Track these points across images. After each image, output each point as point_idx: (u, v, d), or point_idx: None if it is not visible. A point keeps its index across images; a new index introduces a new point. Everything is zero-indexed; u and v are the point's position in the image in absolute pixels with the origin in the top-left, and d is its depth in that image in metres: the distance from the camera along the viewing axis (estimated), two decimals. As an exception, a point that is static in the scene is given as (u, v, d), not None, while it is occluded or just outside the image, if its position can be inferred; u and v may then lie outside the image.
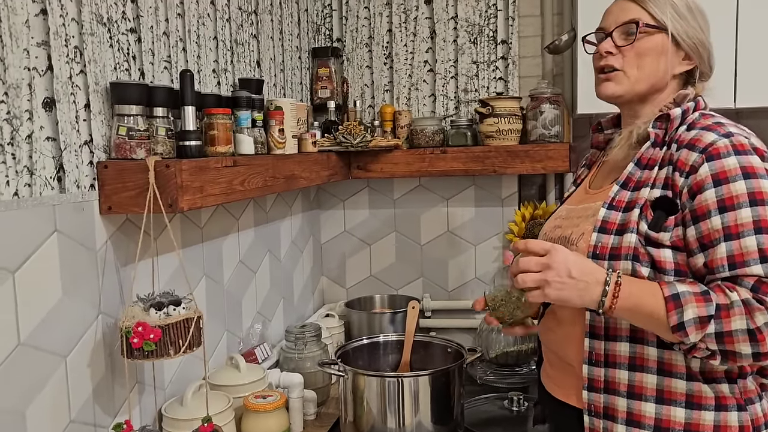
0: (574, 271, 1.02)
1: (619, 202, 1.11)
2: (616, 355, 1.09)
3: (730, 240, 1.00)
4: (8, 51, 1.00)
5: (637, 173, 1.12)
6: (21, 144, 1.03)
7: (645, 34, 1.13)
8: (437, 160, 2.13)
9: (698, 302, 0.98)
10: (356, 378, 1.53)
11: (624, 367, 1.09)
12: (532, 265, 1.03)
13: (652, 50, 1.14)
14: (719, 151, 1.03)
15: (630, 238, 1.06)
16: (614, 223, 1.09)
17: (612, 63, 1.16)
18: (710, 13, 1.76)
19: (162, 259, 1.38)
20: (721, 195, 1.01)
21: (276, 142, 1.66)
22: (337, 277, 2.43)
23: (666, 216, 1.06)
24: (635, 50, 1.14)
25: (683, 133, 1.09)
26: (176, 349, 1.14)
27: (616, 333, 1.10)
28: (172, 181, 1.17)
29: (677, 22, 1.14)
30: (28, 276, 1.03)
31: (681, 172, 1.05)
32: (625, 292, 1.01)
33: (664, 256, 1.05)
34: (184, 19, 1.47)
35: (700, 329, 0.98)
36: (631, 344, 1.09)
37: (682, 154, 1.06)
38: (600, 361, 1.11)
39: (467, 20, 2.24)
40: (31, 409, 1.04)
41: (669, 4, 1.14)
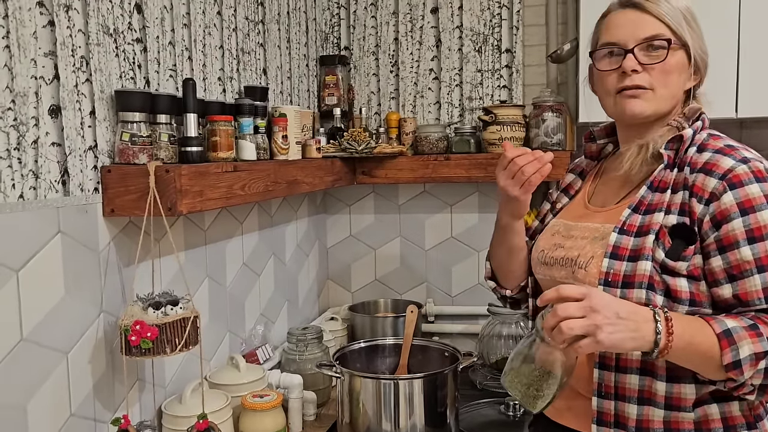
0: (622, 311, 0.93)
1: (630, 227, 1.07)
2: (626, 388, 1.05)
3: (764, 272, 0.97)
4: (16, 61, 1.05)
5: (648, 196, 1.08)
6: (27, 149, 1.08)
7: (670, 51, 1.09)
8: (441, 167, 2.16)
9: (752, 338, 0.94)
10: (352, 380, 1.56)
11: (633, 401, 1.05)
12: (573, 311, 0.92)
13: (676, 67, 1.10)
14: (740, 179, 1.00)
15: (645, 265, 1.02)
16: (626, 249, 1.05)
17: (640, 82, 1.09)
18: (712, 23, 1.77)
19: (164, 261, 1.42)
20: (749, 225, 0.98)
21: (279, 148, 1.71)
22: (342, 281, 2.46)
23: (685, 245, 1.02)
24: (663, 68, 1.09)
25: (694, 155, 1.06)
26: (173, 348, 1.19)
27: (626, 365, 1.05)
28: (172, 186, 1.21)
29: (693, 36, 1.11)
30: (32, 275, 1.08)
31: (699, 198, 1.02)
32: (678, 329, 0.95)
33: (679, 285, 1.02)
34: (190, 29, 1.53)
35: (754, 366, 0.94)
36: (641, 377, 1.04)
37: (698, 179, 1.03)
38: (610, 393, 1.06)
39: (472, 29, 2.27)
40: (32, 404, 1.09)
41: (683, 17, 1.11)
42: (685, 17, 1.11)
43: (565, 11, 2.20)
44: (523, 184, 1.15)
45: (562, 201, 1.30)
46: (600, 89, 1.18)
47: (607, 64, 1.14)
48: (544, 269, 1.21)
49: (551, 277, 1.19)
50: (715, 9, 1.80)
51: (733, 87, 1.83)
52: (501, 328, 2.10)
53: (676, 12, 1.10)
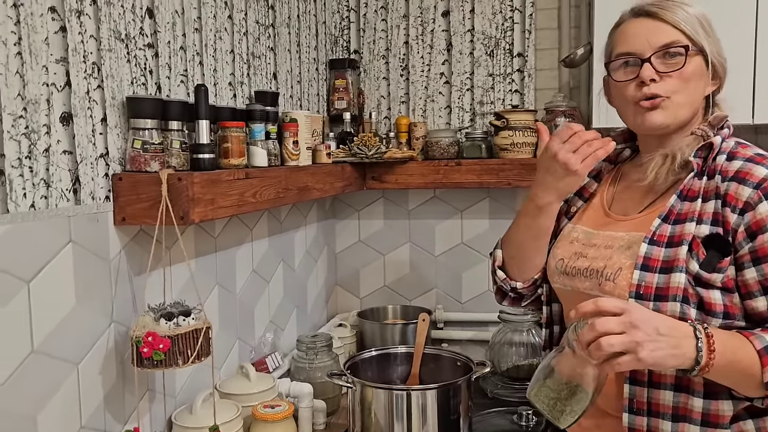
0: (662, 327, 0.91)
1: (660, 237, 1.04)
2: (660, 404, 1.02)
3: None
4: (28, 68, 1.03)
5: (677, 205, 1.06)
6: (38, 157, 1.06)
7: (688, 58, 1.07)
8: (452, 172, 2.13)
9: None
10: (364, 390, 1.54)
11: (667, 417, 1.01)
12: (612, 326, 0.89)
13: (695, 74, 1.08)
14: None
15: (679, 277, 0.99)
16: (657, 260, 1.02)
17: (658, 91, 1.07)
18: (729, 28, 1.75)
19: (175, 269, 1.40)
20: None
21: (290, 154, 1.69)
22: (351, 287, 2.44)
23: (720, 256, 0.99)
24: (682, 75, 1.07)
25: (724, 163, 1.04)
26: (185, 359, 1.17)
27: (660, 380, 1.02)
28: (184, 194, 1.20)
29: (710, 42, 1.09)
30: (43, 285, 1.06)
31: (733, 208, 1.00)
32: (719, 346, 0.92)
33: (713, 297, 0.99)
34: (201, 33, 1.51)
35: None
36: (675, 393, 1.01)
37: (731, 188, 1.01)
38: (642, 409, 1.03)
39: (484, 33, 2.24)
40: (42, 415, 1.07)
41: (698, 24, 1.09)
42: (701, 23, 1.09)
43: (578, 15, 2.18)
44: (586, 158, 1.12)
45: (577, 204, 1.27)
46: (618, 100, 1.16)
47: (624, 75, 1.12)
48: (564, 279, 1.18)
49: (573, 288, 1.16)
50: (731, 15, 1.78)
51: (749, 93, 1.81)
52: (512, 335, 2.07)
53: (692, 18, 1.09)
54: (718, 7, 1.75)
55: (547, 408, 0.98)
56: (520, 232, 1.25)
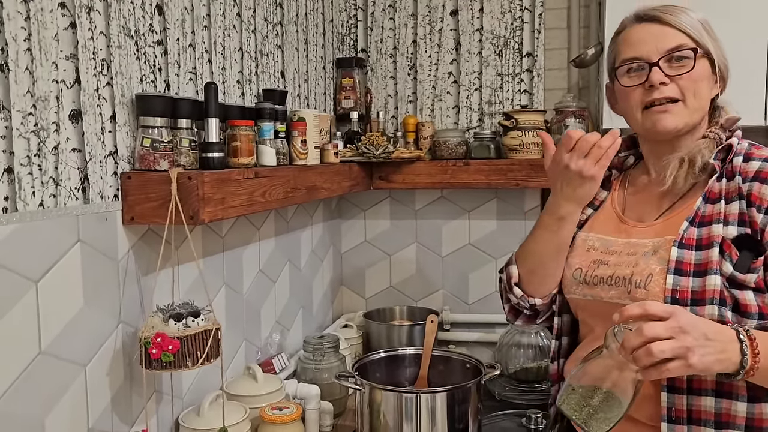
0: (709, 332, 0.90)
1: (689, 240, 1.03)
2: (701, 411, 1.00)
3: None
4: (37, 64, 1.02)
5: (703, 207, 1.06)
6: (47, 155, 1.04)
7: (696, 61, 1.07)
8: (460, 172, 2.12)
9: None
10: (373, 392, 1.52)
11: (710, 425, 1.00)
12: (660, 331, 0.87)
13: (704, 76, 1.08)
14: None
15: (714, 280, 0.98)
16: (689, 264, 1.01)
17: (670, 94, 1.07)
18: (741, 30, 1.74)
19: (183, 269, 1.39)
20: None
21: (298, 153, 1.67)
22: (356, 288, 2.42)
23: (753, 256, 0.99)
24: (691, 77, 1.07)
25: (742, 164, 1.05)
26: (194, 361, 1.15)
27: (700, 386, 1.01)
28: (194, 194, 1.18)
29: (714, 45, 1.10)
30: (51, 286, 1.05)
31: (758, 208, 1.00)
32: (763, 348, 0.91)
33: (748, 298, 0.98)
34: (210, 31, 1.49)
35: None
36: (717, 399, 1.00)
37: (754, 188, 1.02)
38: (682, 417, 1.01)
39: (492, 32, 2.23)
40: (50, 417, 1.05)
41: (702, 27, 1.10)
42: (704, 27, 1.10)
43: (588, 15, 2.16)
44: (600, 159, 1.12)
45: (587, 212, 1.24)
46: (625, 106, 1.14)
47: (630, 80, 1.11)
48: (584, 289, 1.15)
49: (595, 297, 1.13)
50: (744, 16, 1.77)
51: (762, 94, 1.79)
52: (520, 337, 2.06)
53: (695, 22, 1.10)
54: (731, 10, 1.75)
55: (581, 417, 0.95)
56: (539, 246, 1.22)
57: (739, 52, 1.72)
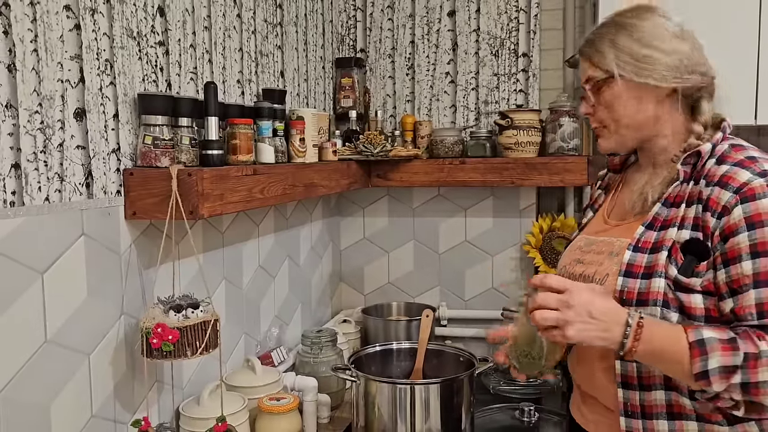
0: (595, 311, 0.98)
1: (645, 243, 1.07)
2: (653, 405, 1.05)
3: (760, 287, 0.96)
4: (43, 64, 1.06)
5: (663, 212, 1.08)
6: (53, 152, 1.08)
7: (604, 87, 1.12)
8: (456, 171, 2.15)
9: (724, 350, 0.94)
10: (368, 384, 1.56)
11: (662, 417, 1.05)
12: (551, 301, 0.99)
13: (616, 98, 1.12)
14: (754, 192, 0.98)
15: (658, 283, 1.02)
16: (640, 266, 1.05)
17: (594, 122, 1.17)
18: (731, 30, 1.78)
19: (183, 263, 1.43)
20: (754, 239, 0.97)
21: (297, 151, 1.71)
22: (355, 284, 2.46)
23: (697, 261, 1.01)
24: (603, 104, 1.14)
25: (713, 167, 1.05)
26: (193, 351, 1.19)
27: (650, 381, 1.06)
28: (194, 189, 1.22)
29: (624, 63, 1.09)
30: (56, 277, 1.09)
31: (713, 212, 1.01)
32: (647, 334, 0.97)
33: (694, 301, 1.01)
34: (210, 32, 1.53)
35: (725, 379, 0.94)
36: (666, 392, 1.05)
37: (713, 193, 1.02)
38: (636, 412, 1.06)
39: (489, 33, 2.26)
40: (55, 404, 1.10)
41: (612, 51, 1.10)
42: (616, 46, 1.10)
43: (583, 15, 2.19)
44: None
45: (588, 216, 1.31)
46: None
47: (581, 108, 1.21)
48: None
49: None
50: (735, 16, 1.80)
51: (752, 94, 1.82)
52: (515, 332, 2.09)
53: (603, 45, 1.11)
54: (721, 9, 1.78)
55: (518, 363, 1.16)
56: None
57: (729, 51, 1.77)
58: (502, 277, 2.32)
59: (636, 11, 1.13)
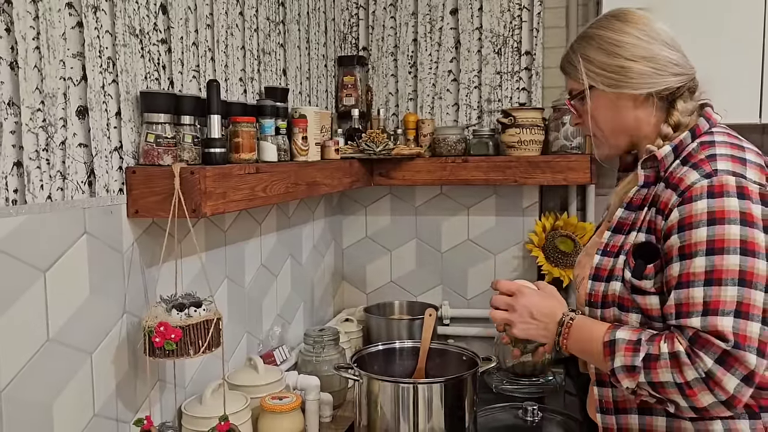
0: (536, 312, 1.13)
1: (612, 247, 1.12)
2: (626, 401, 1.11)
3: (679, 288, 0.99)
4: (46, 62, 1.05)
5: (630, 216, 1.11)
6: (55, 150, 1.08)
7: (582, 99, 1.16)
8: (459, 169, 2.15)
9: (626, 351, 1.00)
10: (371, 383, 1.55)
11: (634, 411, 1.10)
12: (500, 303, 1.16)
13: (595, 110, 1.16)
14: (692, 194, 0.99)
15: (615, 286, 1.08)
16: (606, 270, 1.10)
17: (585, 132, 1.22)
18: (737, 29, 1.77)
19: (186, 262, 1.42)
20: (683, 241, 0.99)
21: (299, 150, 1.70)
22: (357, 283, 2.46)
23: (645, 264, 1.05)
24: (588, 115, 1.17)
25: (677, 168, 1.06)
26: (196, 349, 1.19)
27: (625, 405, 1.11)
28: (197, 188, 1.22)
29: (596, 75, 1.12)
30: (58, 275, 1.09)
31: (662, 214, 1.03)
32: (573, 335, 1.09)
33: (650, 302, 1.05)
34: (213, 29, 1.53)
35: (631, 377, 1.00)
36: (641, 416, 1.10)
37: (665, 195, 1.04)
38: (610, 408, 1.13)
39: (492, 31, 2.25)
40: (57, 403, 1.09)
41: (583, 64, 1.14)
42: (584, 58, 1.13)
43: (586, 13, 2.18)
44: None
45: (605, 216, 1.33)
46: None
47: None
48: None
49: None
50: (740, 14, 1.79)
51: (757, 92, 1.81)
52: (517, 331, 2.09)
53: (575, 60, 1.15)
54: (727, 9, 1.78)
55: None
56: None
57: (734, 50, 1.76)
58: (504, 276, 2.31)
59: (604, 21, 1.16)
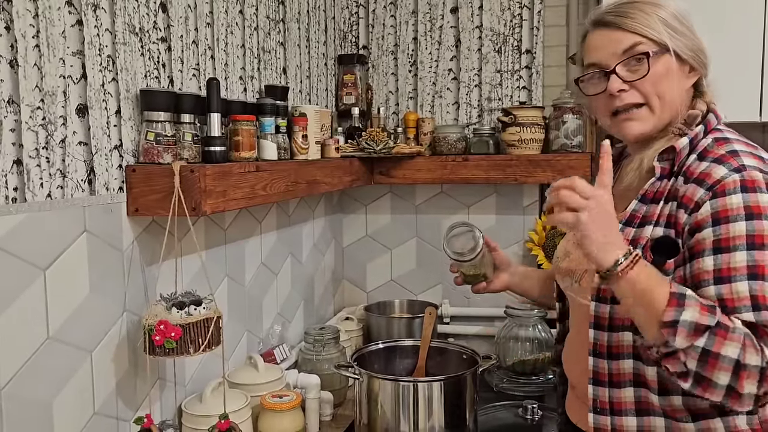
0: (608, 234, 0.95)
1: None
2: (621, 402, 1.07)
3: (720, 283, 0.95)
4: (45, 60, 1.05)
5: (642, 209, 1.06)
6: (55, 148, 1.08)
7: (653, 60, 1.04)
8: (459, 168, 2.15)
9: (702, 310, 0.92)
10: (371, 381, 1.55)
11: (631, 413, 1.06)
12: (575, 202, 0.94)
13: (664, 75, 1.05)
14: (725, 188, 0.97)
15: None
16: None
17: (631, 100, 1.06)
18: (737, 25, 1.77)
19: (186, 260, 1.42)
20: (718, 235, 0.96)
21: (299, 148, 1.70)
22: (357, 281, 2.46)
23: (665, 259, 1.01)
24: (650, 81, 1.05)
25: (693, 163, 1.03)
26: (196, 348, 1.19)
27: (619, 378, 1.07)
28: (196, 186, 1.21)
29: (674, 37, 1.05)
30: (58, 273, 1.09)
31: (685, 209, 1.00)
32: (640, 266, 0.95)
33: None
34: (213, 28, 1.52)
35: (691, 336, 0.91)
36: (636, 389, 1.06)
37: (689, 190, 1.00)
38: (605, 409, 1.08)
39: (492, 29, 2.25)
40: (57, 401, 1.09)
41: (660, 21, 1.05)
42: (663, 21, 1.06)
43: (586, 12, 2.17)
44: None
45: None
46: (595, 113, 1.15)
47: (594, 88, 1.10)
48: (558, 277, 1.24)
49: (563, 285, 1.22)
50: (739, 11, 1.79)
51: (757, 90, 1.81)
52: (518, 330, 2.09)
53: (650, 18, 1.05)
54: (727, 5, 1.77)
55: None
56: None
57: (734, 47, 1.76)
58: (504, 274, 2.31)
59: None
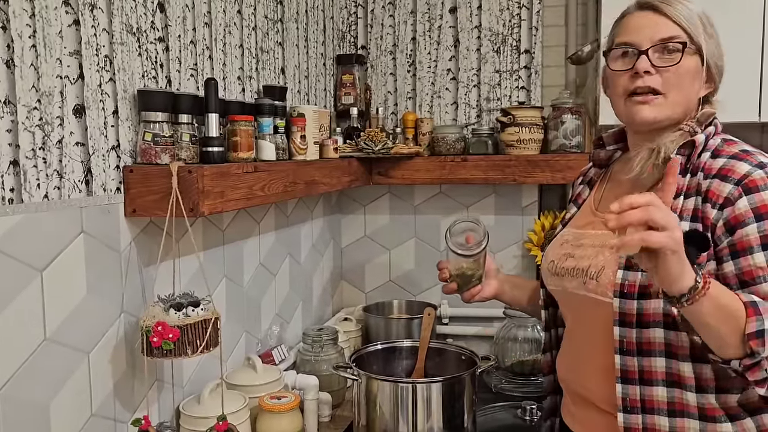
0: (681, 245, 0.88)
1: None
2: (653, 401, 1.04)
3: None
4: (42, 60, 1.05)
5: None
6: (52, 149, 1.07)
7: (683, 54, 1.06)
8: (458, 168, 2.14)
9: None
10: (369, 382, 1.55)
11: (663, 413, 1.04)
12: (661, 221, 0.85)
13: (690, 73, 1.07)
14: (756, 184, 0.99)
15: None
16: None
17: (653, 84, 1.07)
18: (735, 26, 1.76)
19: (183, 261, 1.42)
20: (763, 230, 0.98)
21: (297, 148, 1.70)
22: (356, 282, 2.46)
23: (698, 252, 0.99)
24: (677, 71, 1.06)
25: (708, 160, 1.05)
26: (194, 349, 1.18)
27: (651, 377, 1.04)
28: (194, 186, 1.21)
29: (709, 43, 1.08)
30: (55, 275, 1.08)
31: (713, 204, 1.01)
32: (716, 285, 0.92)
33: None
34: (211, 28, 1.52)
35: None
36: (668, 388, 1.04)
37: (713, 185, 1.02)
38: (636, 407, 1.05)
39: (491, 29, 2.25)
40: (55, 402, 1.09)
41: (701, 23, 1.08)
42: (702, 22, 1.09)
43: (585, 12, 2.18)
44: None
45: (572, 211, 1.29)
46: (611, 90, 1.15)
47: (621, 65, 1.11)
48: (556, 280, 1.20)
49: (564, 288, 1.18)
50: (738, 11, 1.78)
51: (756, 91, 1.81)
52: (516, 331, 2.09)
53: (693, 16, 1.08)
54: (725, 4, 1.77)
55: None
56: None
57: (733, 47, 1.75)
58: (503, 275, 2.30)
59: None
